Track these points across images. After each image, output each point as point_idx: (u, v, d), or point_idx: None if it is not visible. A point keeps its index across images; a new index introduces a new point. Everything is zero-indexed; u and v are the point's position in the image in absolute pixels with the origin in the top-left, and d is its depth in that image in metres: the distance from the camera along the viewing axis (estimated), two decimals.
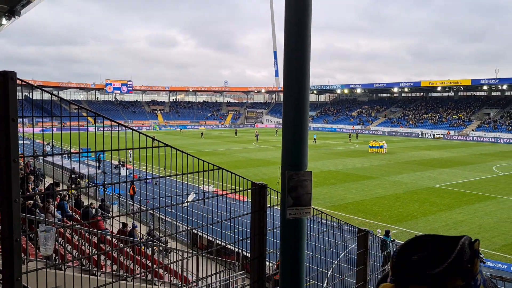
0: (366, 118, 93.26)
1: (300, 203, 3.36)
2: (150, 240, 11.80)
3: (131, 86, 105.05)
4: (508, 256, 16.78)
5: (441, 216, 22.23)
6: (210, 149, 51.59)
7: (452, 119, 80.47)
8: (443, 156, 46.87)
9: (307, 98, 3.35)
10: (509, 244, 18.10)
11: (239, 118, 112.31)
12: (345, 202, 24.96)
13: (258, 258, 3.93)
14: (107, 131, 3.53)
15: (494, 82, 76.74)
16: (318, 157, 44.43)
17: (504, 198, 26.18)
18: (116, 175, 31.14)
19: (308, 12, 3.22)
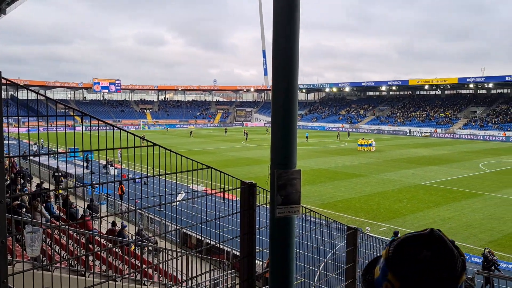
0: (354, 116, 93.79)
1: (289, 201, 3.36)
2: (139, 240, 11.73)
3: (119, 85, 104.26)
4: (495, 252, 16.99)
5: (428, 213, 22.46)
6: (200, 148, 51.45)
7: (439, 117, 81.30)
8: (430, 154, 47.34)
9: (295, 97, 3.35)
10: (496, 240, 18.35)
11: (228, 117, 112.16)
12: (334, 200, 25.09)
13: (248, 256, 3.93)
14: (95, 130, 3.50)
15: (480, 80, 77.70)
16: (307, 155, 44.57)
17: (490, 195, 26.54)
18: (105, 175, 30.89)
19: (296, 11, 3.23)
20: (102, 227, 14.40)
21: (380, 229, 19.72)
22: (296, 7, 3.23)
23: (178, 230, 16.64)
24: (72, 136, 3.21)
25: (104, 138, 3.37)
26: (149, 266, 9.59)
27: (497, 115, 75.57)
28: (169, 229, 17.14)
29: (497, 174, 34.40)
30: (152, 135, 68.51)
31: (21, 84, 2.94)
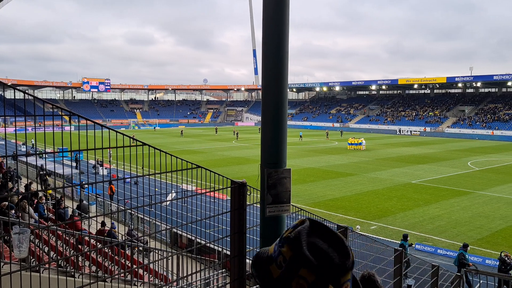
0: (345, 115, 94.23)
1: (279, 200, 3.37)
2: (130, 240, 11.66)
3: (108, 85, 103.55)
4: (483, 249, 17.21)
5: (418, 211, 22.65)
6: (190, 148, 51.31)
7: (428, 116, 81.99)
8: (420, 153, 47.73)
9: (285, 96, 3.36)
10: (484, 238, 18.57)
11: (219, 116, 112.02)
12: (325, 199, 25.18)
13: (238, 256, 3.92)
14: (83, 130, 3.47)
15: (469, 80, 78.54)
16: (298, 154, 44.68)
17: (478, 193, 26.84)
18: (94, 175, 30.66)
19: (285, 10, 3.23)
20: (92, 228, 14.29)
21: (370, 228, 19.84)
22: (285, 7, 3.23)
23: (169, 230, 16.58)
24: (60, 136, 3.18)
25: (93, 138, 3.34)
26: (139, 266, 9.54)
27: (485, 114, 76.42)
28: (160, 229, 17.07)
29: (485, 172, 34.79)
30: (143, 135, 68.19)
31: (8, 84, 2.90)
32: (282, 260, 1.12)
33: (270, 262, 1.15)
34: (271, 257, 1.15)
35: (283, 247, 1.13)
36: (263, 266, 1.17)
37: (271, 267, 1.14)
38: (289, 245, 1.12)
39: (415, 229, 19.68)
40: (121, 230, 17.15)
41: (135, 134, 21.02)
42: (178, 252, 11.75)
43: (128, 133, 3.85)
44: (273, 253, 1.15)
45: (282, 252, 1.12)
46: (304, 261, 1.09)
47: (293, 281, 1.10)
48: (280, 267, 1.12)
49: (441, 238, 18.52)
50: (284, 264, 1.11)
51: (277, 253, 1.14)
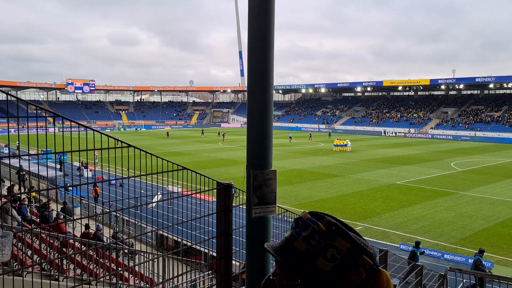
0: (330, 117, 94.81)
1: (265, 201, 3.38)
2: (115, 243, 11.56)
3: (93, 86, 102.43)
4: (466, 249, 17.47)
5: (403, 211, 22.89)
6: (176, 150, 51.06)
7: (412, 118, 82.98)
8: (404, 154, 48.27)
9: (271, 98, 3.37)
10: (467, 237, 18.85)
11: (205, 118, 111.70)
12: (310, 200, 25.29)
13: (225, 257, 3.93)
14: (67, 132, 3.45)
15: (451, 82, 79.70)
16: (284, 156, 44.80)
17: (461, 194, 27.25)
18: (80, 177, 30.30)
19: (271, 12, 3.25)
20: (76, 230, 14.13)
21: (356, 228, 19.70)
22: (271, 9, 3.25)
23: (155, 232, 16.48)
24: (44, 138, 3.15)
25: (77, 140, 3.32)
26: (125, 269, 9.47)
27: (467, 115, 77.64)
28: (145, 231, 16.96)
29: (468, 173, 35.34)
30: (128, 136, 67.65)
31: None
32: (335, 252, 1.13)
33: (315, 257, 1.13)
34: (315, 253, 1.14)
35: (333, 240, 1.14)
36: (307, 262, 1.14)
37: (318, 261, 1.13)
38: (343, 237, 1.14)
39: (400, 230, 19.89)
40: (106, 232, 16.98)
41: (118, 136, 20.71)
42: (164, 254, 11.68)
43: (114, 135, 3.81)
44: (313, 248, 1.14)
45: (335, 245, 1.13)
46: (363, 250, 1.14)
47: (352, 271, 1.13)
48: (334, 259, 1.12)
49: (425, 238, 18.75)
50: (339, 256, 1.12)
51: (322, 246, 1.13)
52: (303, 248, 1.14)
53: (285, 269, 1.18)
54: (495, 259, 16.25)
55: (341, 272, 1.12)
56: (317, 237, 1.14)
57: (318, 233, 1.15)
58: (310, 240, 1.14)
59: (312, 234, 1.15)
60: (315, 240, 1.14)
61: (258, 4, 3.23)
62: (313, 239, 1.14)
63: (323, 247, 1.13)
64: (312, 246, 1.14)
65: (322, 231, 1.15)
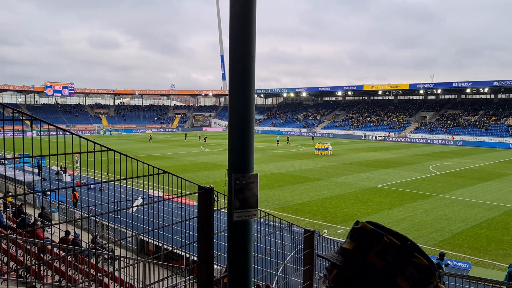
0: (312, 121, 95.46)
1: (247, 205, 3.39)
2: (94, 248, 11.38)
3: (72, 89, 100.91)
4: (445, 251, 17.73)
5: (383, 214, 23.16)
6: (157, 153, 50.63)
7: (392, 122, 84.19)
8: (384, 157, 48.90)
9: (252, 102, 3.39)
10: (445, 239, 19.18)
11: (186, 122, 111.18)
12: (292, 203, 25.38)
13: (206, 262, 3.92)
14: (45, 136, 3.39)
15: (430, 87, 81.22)
16: (266, 159, 44.88)
17: (440, 196, 27.73)
18: (58, 182, 29.76)
19: (252, 16, 3.27)
20: (54, 236, 13.87)
21: (337, 232, 20.13)
22: (253, 13, 3.27)
23: (135, 237, 16.29)
24: (21, 142, 3.09)
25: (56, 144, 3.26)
26: (104, 275, 9.33)
27: (445, 119, 79.18)
28: (126, 235, 16.74)
29: (446, 176, 36.01)
30: (109, 140, 66.84)
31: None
32: (413, 270, 1.07)
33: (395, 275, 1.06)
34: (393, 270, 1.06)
35: (412, 256, 1.08)
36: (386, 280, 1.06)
37: (398, 280, 1.05)
38: (420, 253, 1.10)
39: None
40: (85, 238, 16.71)
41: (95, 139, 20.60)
42: (144, 259, 11.56)
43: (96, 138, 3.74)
44: (390, 265, 1.06)
45: (415, 261, 1.07)
46: (435, 268, 1.10)
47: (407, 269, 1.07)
48: (412, 278, 1.06)
49: None
50: (417, 274, 1.06)
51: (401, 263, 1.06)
52: (380, 264, 1.06)
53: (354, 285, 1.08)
54: (472, 261, 16.57)
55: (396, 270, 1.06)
56: (394, 252, 1.06)
57: (394, 248, 1.07)
58: (387, 256, 1.06)
59: (388, 248, 1.07)
60: (392, 256, 1.06)
61: (239, 8, 3.25)
62: (390, 255, 1.06)
63: (402, 263, 1.05)
64: (389, 263, 1.05)
65: (398, 245, 1.07)
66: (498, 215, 23.11)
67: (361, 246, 1.09)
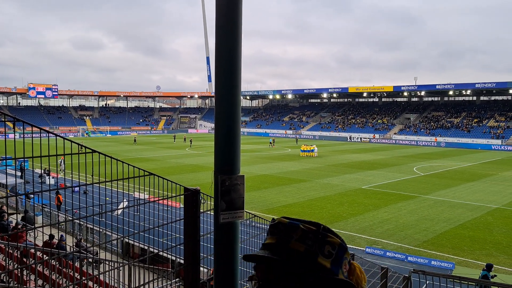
0: (297, 123, 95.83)
1: (233, 207, 3.39)
2: (78, 251, 11.24)
3: (56, 91, 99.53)
4: (429, 251, 17.99)
5: (368, 215, 23.36)
6: (143, 155, 50.26)
7: (377, 124, 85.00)
8: (369, 159, 49.33)
9: (239, 103, 3.39)
10: (429, 240, 19.42)
11: (172, 124, 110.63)
12: (278, 205, 25.43)
13: (192, 264, 3.90)
14: (29, 137, 3.34)
15: (413, 89, 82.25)
16: (252, 161, 44.89)
17: (424, 197, 28.08)
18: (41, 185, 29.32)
19: (238, 18, 3.28)
20: (38, 240, 13.65)
21: None
22: (238, 14, 3.28)
23: (120, 240, 16.13)
24: (3, 144, 3.05)
25: (39, 146, 3.22)
26: (88, 278, 9.22)
27: (428, 121, 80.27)
28: (111, 238, 16.57)
29: (430, 177, 36.48)
30: (94, 142, 66.09)
31: None
32: (330, 248, 1.17)
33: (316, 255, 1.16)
34: (314, 251, 1.16)
35: (326, 237, 1.18)
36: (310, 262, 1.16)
37: (319, 259, 1.16)
38: (333, 233, 1.19)
39: (365, 233, 20.27)
40: (70, 241, 16.48)
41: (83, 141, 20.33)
42: (129, 262, 11.46)
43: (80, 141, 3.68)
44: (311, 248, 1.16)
45: (330, 241, 1.18)
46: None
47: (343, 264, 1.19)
48: (330, 255, 1.17)
49: (390, 241, 19.19)
50: (333, 251, 1.18)
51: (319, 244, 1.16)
52: (303, 248, 1.16)
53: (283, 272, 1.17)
54: (456, 261, 16.80)
55: (338, 266, 1.17)
56: (312, 236, 1.17)
57: (311, 233, 1.18)
58: (306, 240, 1.17)
59: (306, 234, 1.17)
60: (310, 240, 1.17)
61: (225, 10, 3.25)
62: (308, 239, 1.17)
63: (319, 244, 1.16)
64: (309, 246, 1.16)
65: (314, 230, 1.18)
66: (480, 216, 23.49)
67: (282, 238, 1.20)
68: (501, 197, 28.25)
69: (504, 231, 20.60)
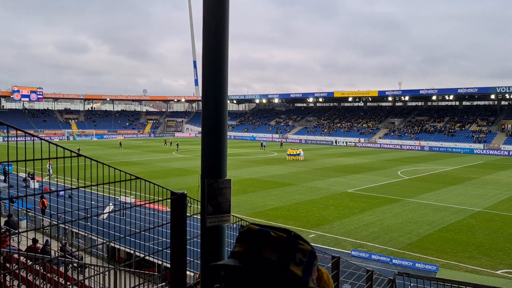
0: (284, 127, 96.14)
1: (220, 210, 3.42)
2: (63, 256, 11.13)
3: (41, 94, 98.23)
4: (413, 253, 18.20)
5: (354, 219, 23.54)
6: (129, 159, 49.87)
7: (362, 128, 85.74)
8: (355, 163, 49.72)
9: (225, 107, 3.44)
10: (413, 242, 19.65)
11: (158, 127, 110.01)
12: (265, 208, 25.47)
13: (178, 268, 3.92)
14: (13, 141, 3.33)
15: (398, 94, 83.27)
16: (239, 165, 44.89)
17: (408, 200, 28.41)
18: (26, 189, 28.89)
19: (225, 22, 3.33)
20: (22, 244, 13.47)
21: (309, 236, 20.31)
22: (225, 18, 3.33)
23: (106, 244, 15.99)
24: None
25: (24, 150, 3.23)
26: (73, 283, 9.13)
27: (412, 125, 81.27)
28: (96, 243, 16.42)
29: (414, 180, 36.93)
30: (80, 146, 65.31)
31: None
32: (301, 256, 1.15)
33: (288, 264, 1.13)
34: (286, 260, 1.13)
35: (297, 244, 1.16)
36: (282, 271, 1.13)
37: (292, 267, 1.13)
38: (303, 240, 1.18)
39: (351, 236, 20.43)
40: (54, 246, 16.29)
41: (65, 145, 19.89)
42: (115, 266, 11.37)
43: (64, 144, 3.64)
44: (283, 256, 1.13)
45: (301, 248, 1.15)
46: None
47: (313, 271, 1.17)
48: (301, 263, 1.14)
49: (375, 244, 19.37)
50: (304, 259, 1.15)
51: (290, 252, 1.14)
52: (275, 257, 1.13)
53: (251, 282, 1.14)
54: (440, 263, 17.04)
55: (309, 274, 1.15)
56: (283, 243, 1.14)
57: (283, 241, 1.15)
58: (278, 248, 1.14)
59: (277, 242, 1.15)
60: (282, 248, 1.14)
61: (212, 14, 3.30)
62: (280, 247, 1.14)
63: (291, 252, 1.14)
64: (281, 254, 1.13)
65: (285, 237, 1.16)
66: (463, 218, 23.86)
67: (252, 246, 1.16)
68: (483, 200, 28.73)
69: (486, 234, 20.96)
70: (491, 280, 15.22)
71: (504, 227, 22.18)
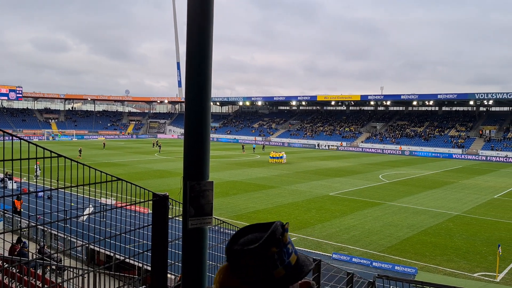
0: (267, 129, 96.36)
1: (202, 213, 3.41)
2: (41, 258, 10.91)
3: (20, 93, 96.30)
4: (393, 256, 18.42)
5: (335, 222, 23.71)
6: (111, 160, 49.27)
7: (344, 132, 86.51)
8: (337, 166, 50.11)
9: (209, 109, 3.43)
10: (393, 245, 19.89)
11: (141, 128, 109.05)
12: (247, 211, 25.46)
13: (159, 271, 3.89)
14: None
15: (380, 98, 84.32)
16: (221, 167, 44.79)
17: (388, 204, 28.76)
18: (4, 189, 28.27)
19: (210, 24, 3.33)
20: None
21: (291, 239, 20.35)
22: (210, 20, 3.33)
23: (85, 246, 15.74)
24: None
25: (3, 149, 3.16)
26: (52, 286, 8.97)
27: (394, 130, 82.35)
28: (75, 245, 16.15)
29: (395, 184, 37.41)
30: (59, 146, 64.30)
31: None
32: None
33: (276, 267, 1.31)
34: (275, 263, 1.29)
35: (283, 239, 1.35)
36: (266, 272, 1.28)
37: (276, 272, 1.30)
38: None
39: (332, 239, 20.57)
40: (32, 248, 15.97)
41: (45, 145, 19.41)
42: (95, 269, 11.22)
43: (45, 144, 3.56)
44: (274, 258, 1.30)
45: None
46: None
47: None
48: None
49: (356, 247, 19.54)
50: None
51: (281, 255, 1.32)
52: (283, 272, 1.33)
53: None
54: (418, 266, 17.27)
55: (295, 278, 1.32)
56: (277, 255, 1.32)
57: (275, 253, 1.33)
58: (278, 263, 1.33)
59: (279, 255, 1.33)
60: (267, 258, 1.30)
61: (197, 16, 3.30)
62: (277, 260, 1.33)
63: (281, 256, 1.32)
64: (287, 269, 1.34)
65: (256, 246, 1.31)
66: (442, 222, 24.26)
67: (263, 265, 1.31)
68: (461, 204, 29.28)
69: (464, 237, 21.35)
70: (468, 283, 15.52)
71: (481, 231, 22.62)
